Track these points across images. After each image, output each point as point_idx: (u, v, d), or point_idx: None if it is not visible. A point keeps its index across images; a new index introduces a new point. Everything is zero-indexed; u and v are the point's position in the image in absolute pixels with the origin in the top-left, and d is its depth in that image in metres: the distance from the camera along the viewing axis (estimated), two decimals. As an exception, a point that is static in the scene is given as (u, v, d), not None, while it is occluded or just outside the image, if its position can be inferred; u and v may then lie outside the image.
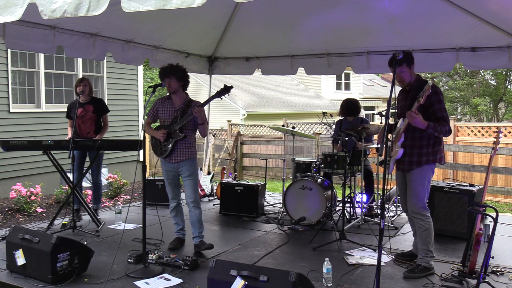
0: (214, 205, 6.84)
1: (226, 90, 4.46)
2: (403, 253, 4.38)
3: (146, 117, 4.70)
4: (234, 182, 6.34)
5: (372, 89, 30.34)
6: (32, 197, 6.86)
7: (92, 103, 5.77)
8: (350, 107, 6.00)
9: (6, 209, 6.88)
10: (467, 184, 5.22)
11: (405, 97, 4.03)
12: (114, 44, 5.76)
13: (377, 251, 4.03)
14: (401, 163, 4.01)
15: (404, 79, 3.97)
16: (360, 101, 6.30)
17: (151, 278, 3.81)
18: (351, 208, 5.82)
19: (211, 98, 4.59)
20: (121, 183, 8.32)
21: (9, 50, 7.73)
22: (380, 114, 5.04)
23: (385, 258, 4.31)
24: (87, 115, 5.70)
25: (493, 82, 23.56)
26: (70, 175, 5.34)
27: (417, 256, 4.08)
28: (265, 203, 6.66)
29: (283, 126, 6.67)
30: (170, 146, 4.52)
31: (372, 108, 26.81)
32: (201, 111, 4.41)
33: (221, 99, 4.63)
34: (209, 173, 7.74)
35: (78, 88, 5.66)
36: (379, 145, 4.71)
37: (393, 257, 4.36)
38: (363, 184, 5.89)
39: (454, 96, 24.03)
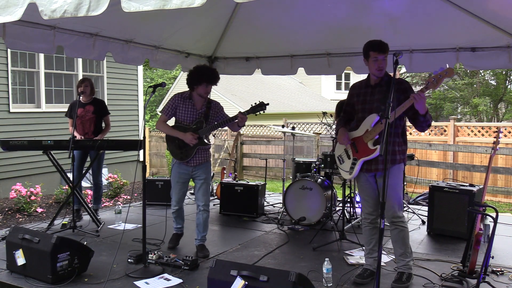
0: (214, 205, 6.84)
1: (261, 106, 4.31)
2: (362, 275, 3.82)
3: (161, 114, 4.39)
4: (234, 182, 6.34)
5: (372, 89, 30.30)
6: (32, 197, 6.86)
7: (93, 104, 5.78)
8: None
9: (6, 209, 6.88)
10: (467, 184, 5.22)
11: (370, 91, 3.71)
12: (114, 44, 5.76)
13: (377, 251, 4.04)
14: (374, 163, 3.66)
15: (384, 67, 3.65)
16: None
17: (151, 278, 3.81)
18: (351, 208, 5.82)
19: (251, 111, 4.34)
20: (121, 183, 8.32)
21: (9, 50, 7.73)
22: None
23: (385, 258, 4.31)
24: (87, 115, 5.71)
25: (493, 82, 23.53)
26: (70, 175, 5.34)
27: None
28: (265, 203, 6.66)
29: (283, 126, 6.66)
30: (194, 151, 4.37)
31: (372, 108, 26.74)
32: (245, 119, 4.28)
33: (256, 115, 4.46)
34: (209, 173, 7.73)
35: (79, 88, 5.67)
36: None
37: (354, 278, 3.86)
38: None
39: (454, 96, 24.01)
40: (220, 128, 5.10)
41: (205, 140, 4.40)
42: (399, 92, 3.53)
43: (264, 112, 4.37)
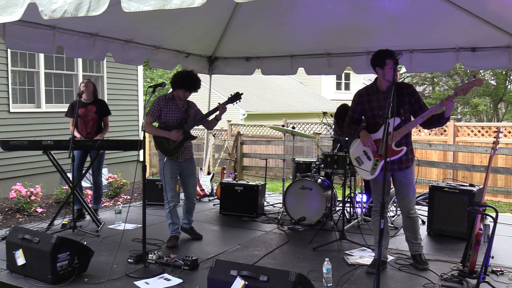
0: (214, 205, 6.84)
1: (236, 97, 4.80)
2: (374, 264, 4.02)
3: (146, 116, 4.63)
4: (234, 182, 6.34)
5: (372, 89, 30.27)
6: (32, 197, 6.86)
7: (95, 104, 5.79)
8: (345, 114, 5.93)
9: (6, 209, 6.88)
10: (467, 184, 5.22)
11: (383, 97, 3.86)
12: (114, 44, 5.76)
13: (375, 251, 4.09)
14: (398, 163, 3.92)
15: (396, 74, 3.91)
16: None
17: (151, 278, 3.81)
18: (351, 208, 5.82)
19: (227, 102, 4.79)
20: (121, 183, 8.32)
21: (9, 50, 7.74)
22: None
23: (388, 257, 4.30)
24: (89, 115, 5.72)
25: (493, 82, 23.52)
26: (70, 175, 5.34)
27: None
28: (265, 203, 6.66)
29: (283, 126, 6.66)
30: (183, 147, 4.73)
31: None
32: (225, 108, 4.77)
33: (233, 105, 4.92)
34: (209, 173, 7.74)
35: (81, 84, 5.76)
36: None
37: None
38: (363, 184, 5.89)
39: (454, 96, 23.96)
40: (219, 128, 5.40)
41: (192, 135, 4.82)
42: (408, 95, 3.89)
43: (240, 101, 4.86)
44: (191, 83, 4.65)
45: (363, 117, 4.14)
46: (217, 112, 4.78)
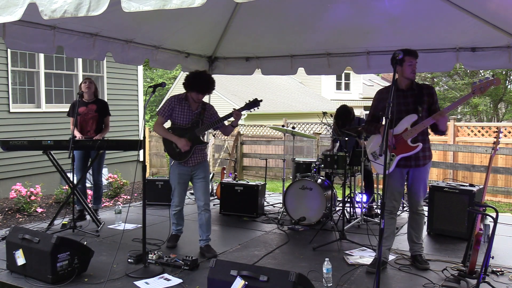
0: (214, 205, 6.83)
1: (254, 103, 4.39)
2: (375, 264, 4.04)
3: (157, 116, 4.49)
4: (234, 182, 6.34)
5: (372, 89, 30.31)
6: (32, 197, 6.86)
7: (96, 103, 5.80)
8: (345, 115, 5.96)
9: (6, 209, 6.88)
10: (467, 184, 5.22)
11: (403, 95, 4.01)
12: (114, 44, 5.76)
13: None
14: (414, 159, 3.98)
15: (415, 71, 4.00)
16: (360, 101, 6.29)
17: (151, 278, 3.81)
18: (351, 208, 5.82)
19: (243, 109, 4.45)
20: (121, 183, 8.32)
21: (9, 50, 7.74)
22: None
23: (389, 257, 4.29)
24: (89, 114, 5.73)
25: (493, 82, 23.55)
26: (70, 175, 5.34)
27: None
28: (265, 203, 6.66)
29: (283, 126, 6.66)
30: (192, 151, 4.45)
31: (372, 108, 26.73)
32: (240, 115, 4.44)
33: (251, 111, 4.55)
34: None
35: (83, 84, 5.76)
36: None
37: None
38: (363, 184, 5.89)
39: (454, 96, 24.00)
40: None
41: (203, 140, 4.51)
42: (428, 95, 4.02)
43: (258, 108, 4.41)
44: (204, 84, 4.39)
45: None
46: (232, 118, 4.44)
